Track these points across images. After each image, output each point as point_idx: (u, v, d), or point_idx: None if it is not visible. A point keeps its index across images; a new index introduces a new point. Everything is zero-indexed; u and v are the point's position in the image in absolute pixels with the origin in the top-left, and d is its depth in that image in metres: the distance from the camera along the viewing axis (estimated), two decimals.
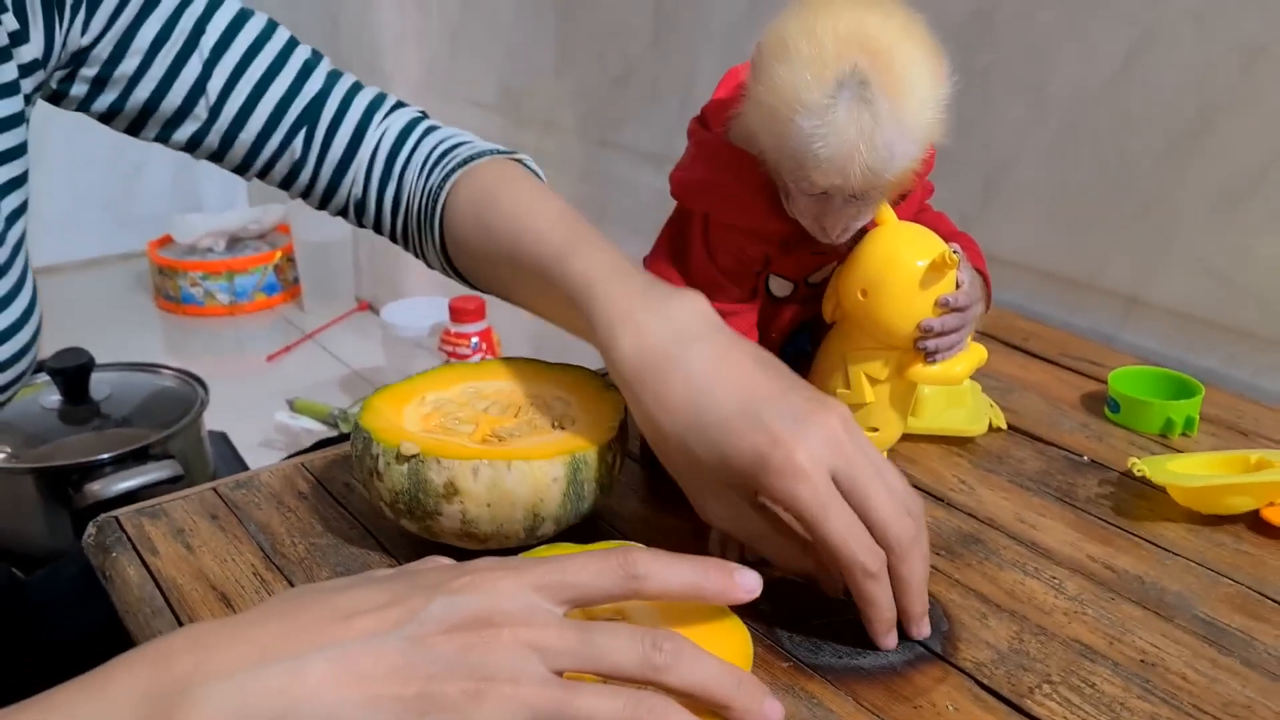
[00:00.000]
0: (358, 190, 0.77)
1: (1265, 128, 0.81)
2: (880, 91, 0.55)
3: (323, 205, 0.79)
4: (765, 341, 0.69)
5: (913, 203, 0.68)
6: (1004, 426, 0.78)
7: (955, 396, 0.78)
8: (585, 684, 0.38)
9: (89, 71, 0.69)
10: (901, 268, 0.63)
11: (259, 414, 1.94)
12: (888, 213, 0.64)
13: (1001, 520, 0.67)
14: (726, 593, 0.44)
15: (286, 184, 0.77)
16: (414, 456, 0.58)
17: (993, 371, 0.85)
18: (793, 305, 0.70)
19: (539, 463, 0.58)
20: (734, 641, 0.48)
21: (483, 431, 0.62)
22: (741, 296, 0.67)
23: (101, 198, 2.70)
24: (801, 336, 0.71)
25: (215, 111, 0.72)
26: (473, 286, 0.77)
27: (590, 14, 1.46)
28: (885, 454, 0.71)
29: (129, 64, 0.69)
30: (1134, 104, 0.88)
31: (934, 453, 0.75)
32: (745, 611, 0.49)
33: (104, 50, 0.69)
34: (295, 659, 0.36)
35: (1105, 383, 0.79)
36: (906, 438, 0.75)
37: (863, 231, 0.64)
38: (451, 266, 0.75)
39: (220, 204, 2.77)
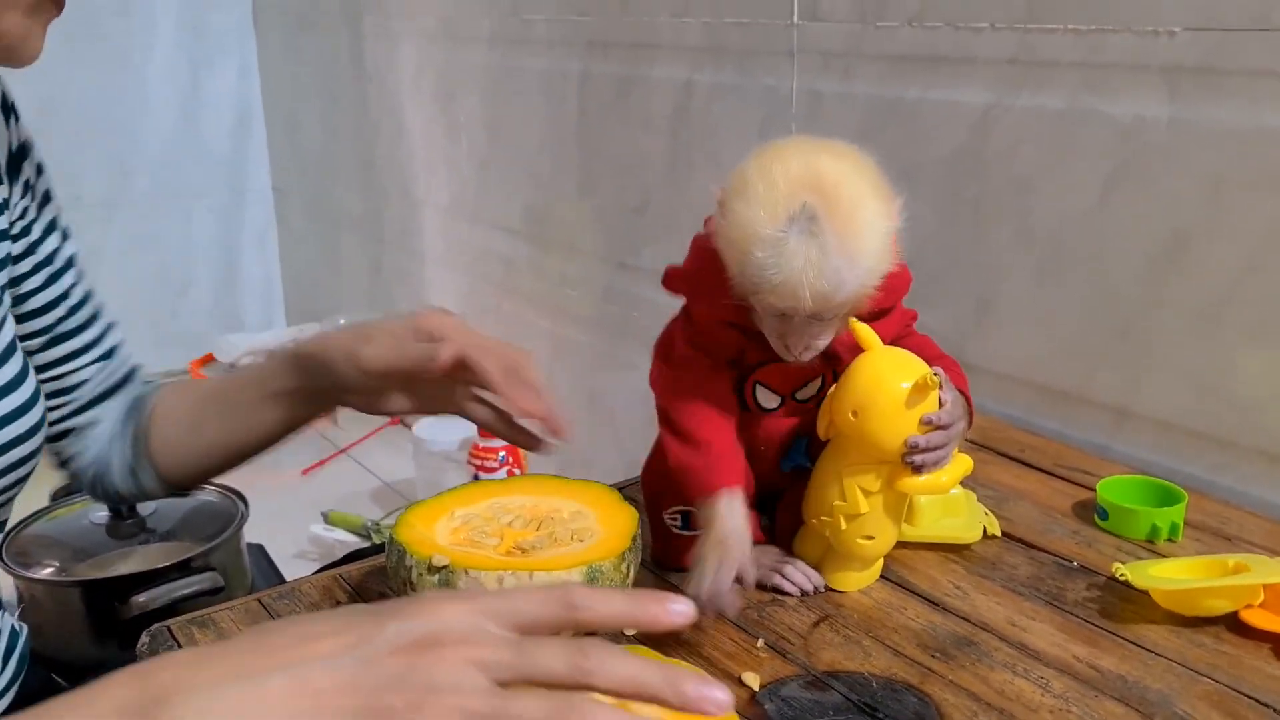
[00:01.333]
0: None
1: (1232, 249, 0.87)
2: (828, 225, 0.62)
3: None
4: (755, 454, 0.75)
5: (892, 325, 0.74)
6: (999, 534, 0.82)
7: (951, 506, 0.82)
8: (521, 691, 0.41)
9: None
10: (888, 389, 0.68)
11: (294, 526, 1.99)
12: (874, 339, 0.70)
13: (994, 624, 0.71)
14: (659, 619, 0.44)
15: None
16: (444, 568, 0.63)
17: (989, 481, 0.90)
18: (782, 419, 0.75)
19: (559, 573, 0.64)
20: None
21: (507, 544, 0.68)
22: (710, 366, 0.73)
23: (147, 316, 2.80)
24: (799, 453, 0.76)
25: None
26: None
27: (610, 146, 1.56)
28: (880, 561, 0.76)
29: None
30: (1112, 229, 0.94)
31: (931, 559, 0.79)
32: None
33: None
34: (259, 676, 0.41)
35: (1096, 492, 0.84)
36: (905, 545, 0.79)
37: (856, 353, 0.70)
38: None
39: (260, 324, 2.88)
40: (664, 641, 0.67)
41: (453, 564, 0.63)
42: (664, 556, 0.78)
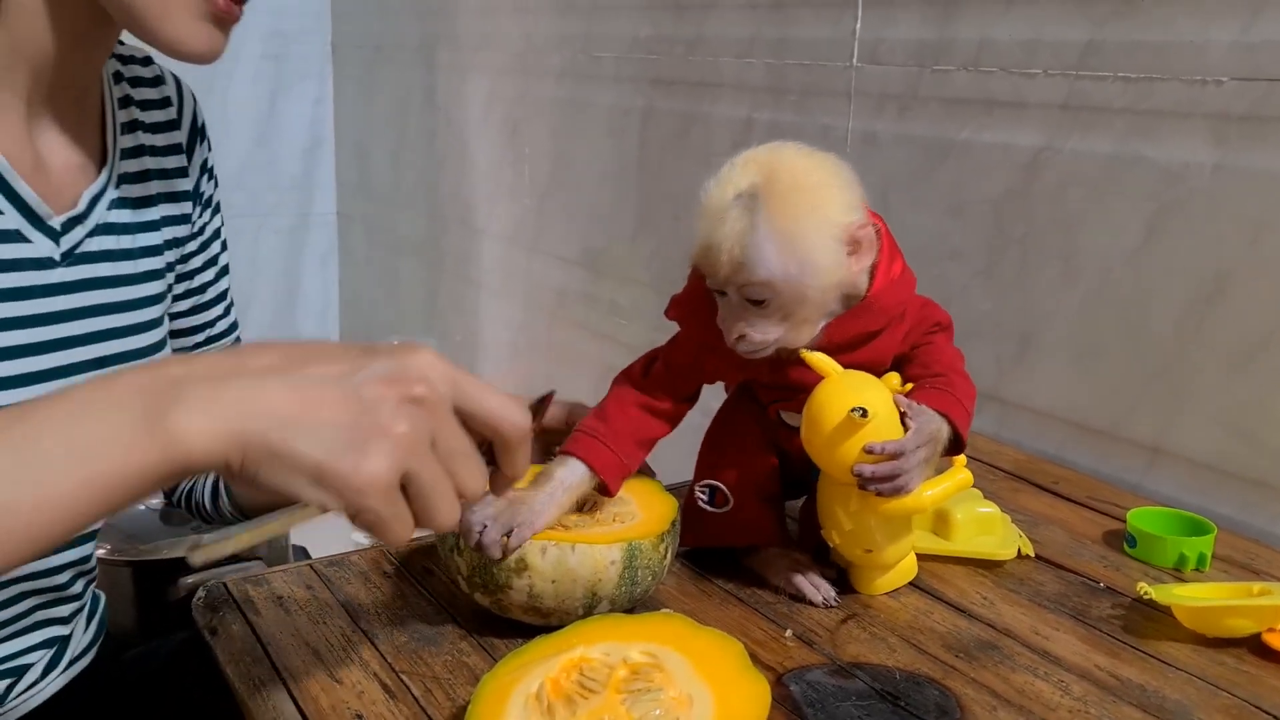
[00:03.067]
0: None
1: (1272, 294, 0.89)
2: (764, 203, 0.66)
3: None
4: (790, 463, 0.78)
5: (889, 346, 0.75)
6: (1032, 554, 0.84)
7: (986, 524, 0.84)
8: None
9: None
10: (825, 420, 0.69)
11: (338, 532, 2.03)
12: (828, 366, 0.70)
13: (1018, 631, 0.73)
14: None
15: None
16: None
17: (1022, 508, 0.92)
18: None
19: (600, 547, 0.67)
20: (755, 694, 0.55)
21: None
22: (668, 382, 0.76)
23: None
24: None
25: None
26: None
27: (668, 180, 1.61)
28: (904, 568, 0.78)
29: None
30: (1154, 270, 0.97)
31: (960, 573, 0.81)
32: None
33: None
34: (260, 378, 0.48)
35: (1126, 521, 0.86)
36: (939, 559, 0.81)
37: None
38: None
39: None
40: (700, 622, 0.69)
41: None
42: (690, 533, 0.79)
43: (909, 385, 0.74)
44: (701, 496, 0.79)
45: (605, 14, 1.69)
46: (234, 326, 0.96)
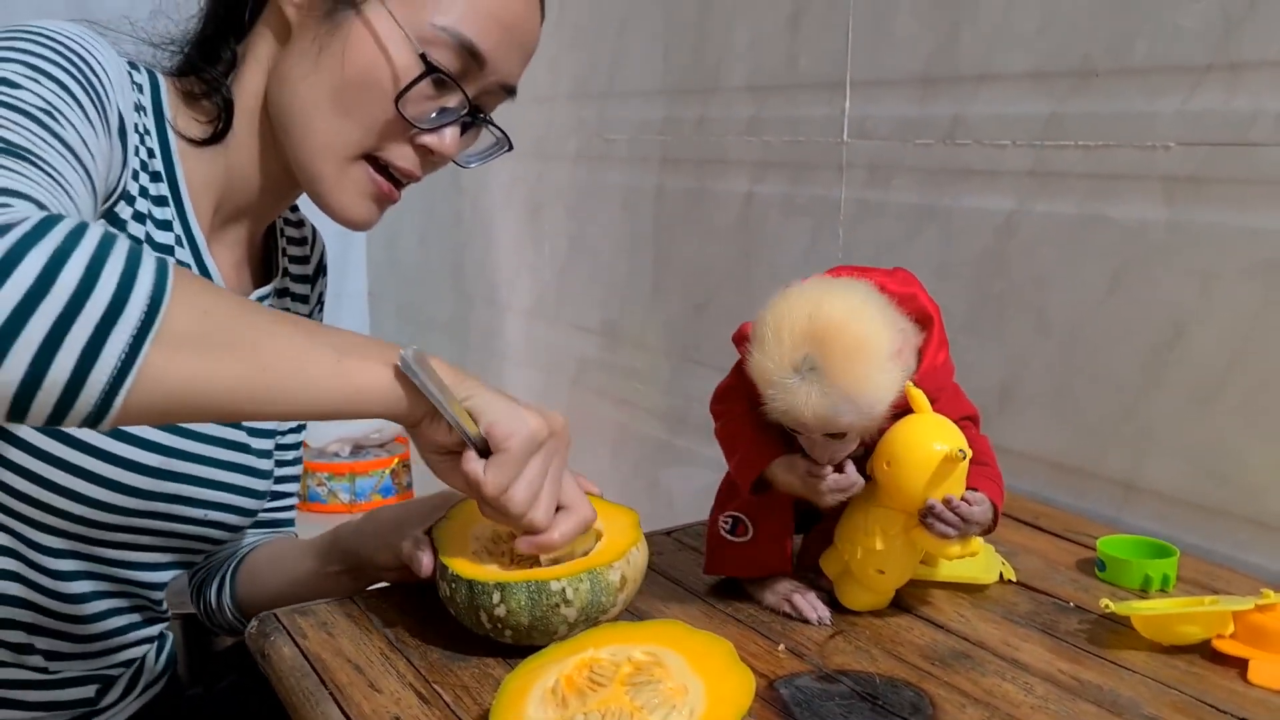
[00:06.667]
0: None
1: (1224, 338, 0.97)
2: (826, 373, 0.73)
3: None
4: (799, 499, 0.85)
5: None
6: (1014, 578, 0.91)
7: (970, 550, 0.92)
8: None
9: None
10: (922, 450, 0.76)
11: None
12: (923, 402, 0.77)
13: (990, 643, 0.80)
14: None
15: None
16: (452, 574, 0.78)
17: (1002, 539, 1.00)
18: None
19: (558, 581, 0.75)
20: (742, 684, 0.63)
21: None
22: (767, 443, 0.83)
23: None
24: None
25: None
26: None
27: (680, 252, 1.71)
28: (891, 593, 0.85)
29: None
30: (1118, 320, 1.05)
31: (942, 595, 0.88)
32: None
33: None
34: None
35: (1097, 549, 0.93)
36: (924, 584, 0.89)
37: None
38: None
39: None
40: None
41: (455, 571, 0.76)
42: (712, 561, 0.87)
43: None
44: (724, 525, 0.87)
45: (617, 100, 1.81)
46: (302, 426, 1.09)
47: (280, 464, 1.06)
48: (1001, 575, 0.91)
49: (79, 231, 0.55)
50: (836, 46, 1.35)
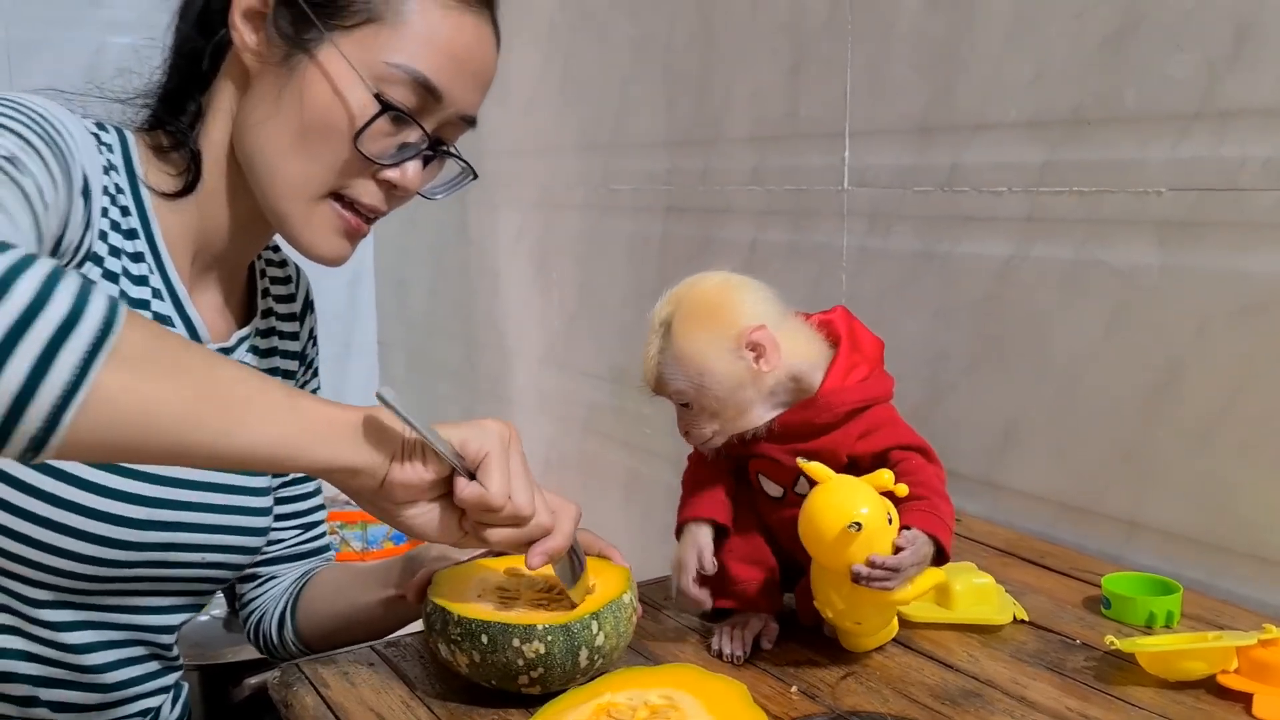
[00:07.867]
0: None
1: (1220, 377, 0.99)
2: (673, 330, 0.82)
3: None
4: (768, 534, 0.89)
5: (844, 439, 0.83)
6: (1026, 618, 0.93)
7: (983, 594, 0.93)
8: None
9: None
10: (825, 529, 0.77)
11: None
12: (823, 473, 0.79)
13: (999, 681, 0.82)
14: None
15: None
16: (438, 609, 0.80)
17: (1010, 579, 1.01)
18: (788, 508, 0.85)
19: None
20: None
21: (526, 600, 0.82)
22: (713, 467, 0.89)
23: None
24: None
25: None
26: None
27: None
28: (890, 627, 0.87)
29: None
30: (1115, 361, 1.08)
31: (951, 636, 0.90)
32: None
33: None
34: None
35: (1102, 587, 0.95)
36: (936, 626, 0.90)
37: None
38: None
39: None
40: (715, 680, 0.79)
41: (442, 605, 0.78)
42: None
43: (901, 486, 0.80)
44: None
45: (622, 151, 1.85)
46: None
47: (299, 498, 1.07)
48: (1015, 616, 0.92)
49: (31, 258, 0.55)
50: (836, 97, 1.39)
